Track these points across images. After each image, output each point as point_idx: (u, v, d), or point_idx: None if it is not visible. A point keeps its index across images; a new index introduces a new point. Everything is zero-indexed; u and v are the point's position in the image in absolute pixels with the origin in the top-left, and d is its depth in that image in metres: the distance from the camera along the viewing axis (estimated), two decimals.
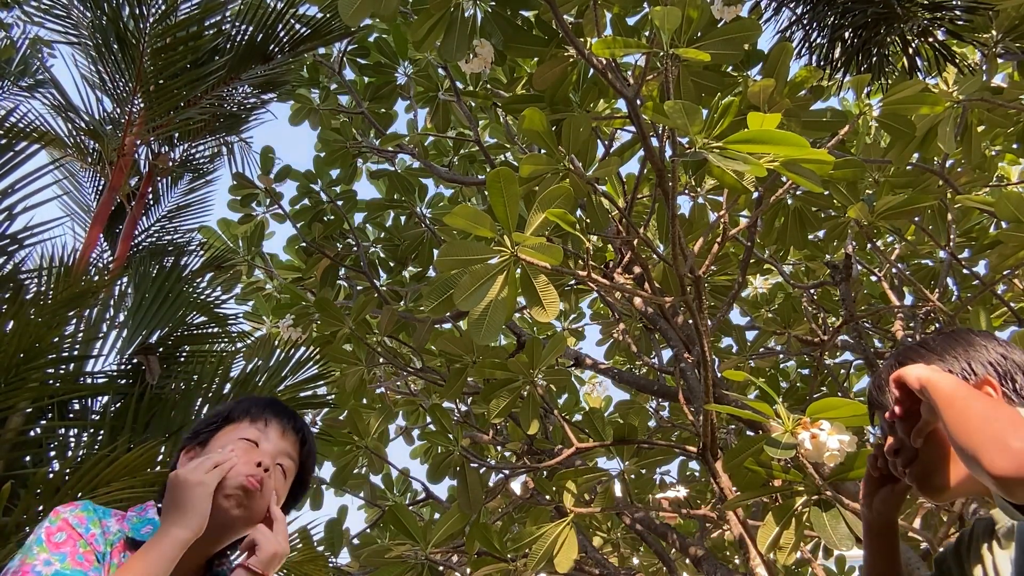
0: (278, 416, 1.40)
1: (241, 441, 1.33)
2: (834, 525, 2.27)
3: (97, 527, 1.20)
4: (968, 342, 1.26)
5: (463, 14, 3.26)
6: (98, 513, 1.23)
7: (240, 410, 1.39)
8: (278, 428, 1.38)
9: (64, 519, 1.19)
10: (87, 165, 3.16)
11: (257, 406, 1.40)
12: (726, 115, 2.23)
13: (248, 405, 1.40)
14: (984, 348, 1.24)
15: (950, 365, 1.23)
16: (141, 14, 2.86)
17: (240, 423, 1.37)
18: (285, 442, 1.38)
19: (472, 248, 2.46)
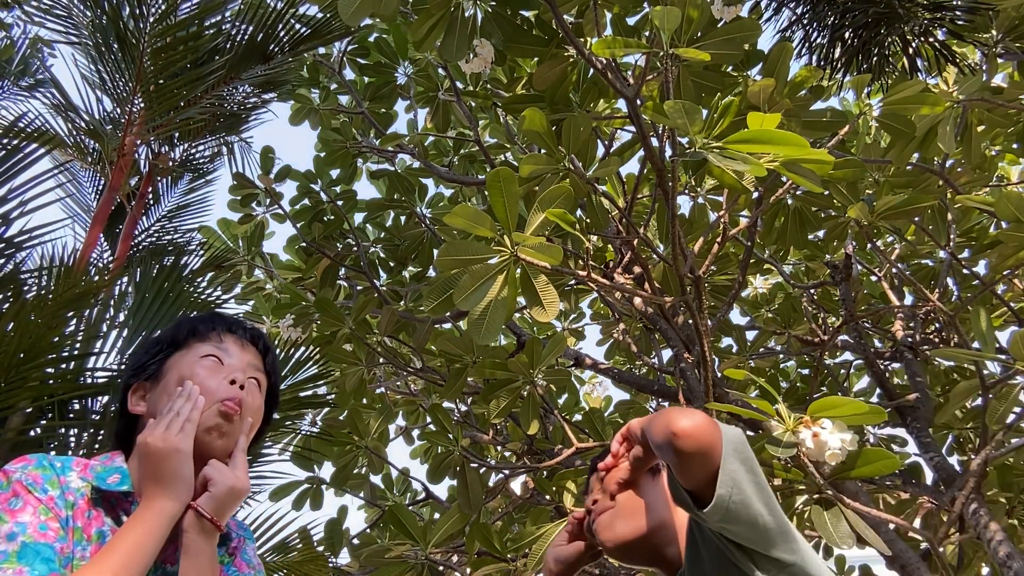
0: (231, 329, 1.24)
1: (205, 360, 1.17)
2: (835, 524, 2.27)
3: (55, 487, 1.05)
4: None
5: (463, 14, 3.26)
6: (55, 469, 1.08)
7: (186, 331, 1.22)
8: (236, 341, 1.23)
9: (17, 483, 1.03)
10: (87, 165, 3.16)
11: (204, 322, 1.23)
12: (726, 115, 2.23)
13: (193, 323, 1.23)
14: None
15: None
16: (141, 14, 2.86)
17: (191, 346, 1.20)
18: (248, 354, 1.23)
19: (472, 248, 2.46)
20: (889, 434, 5.22)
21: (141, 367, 1.21)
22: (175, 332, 1.23)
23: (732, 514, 1.04)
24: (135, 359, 1.25)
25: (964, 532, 3.50)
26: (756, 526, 1.06)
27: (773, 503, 1.08)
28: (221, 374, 1.17)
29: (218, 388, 1.15)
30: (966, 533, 3.49)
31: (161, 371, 1.19)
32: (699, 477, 1.05)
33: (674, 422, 1.04)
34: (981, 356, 2.75)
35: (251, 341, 1.25)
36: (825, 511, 2.33)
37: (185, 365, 1.18)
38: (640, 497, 1.30)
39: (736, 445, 1.06)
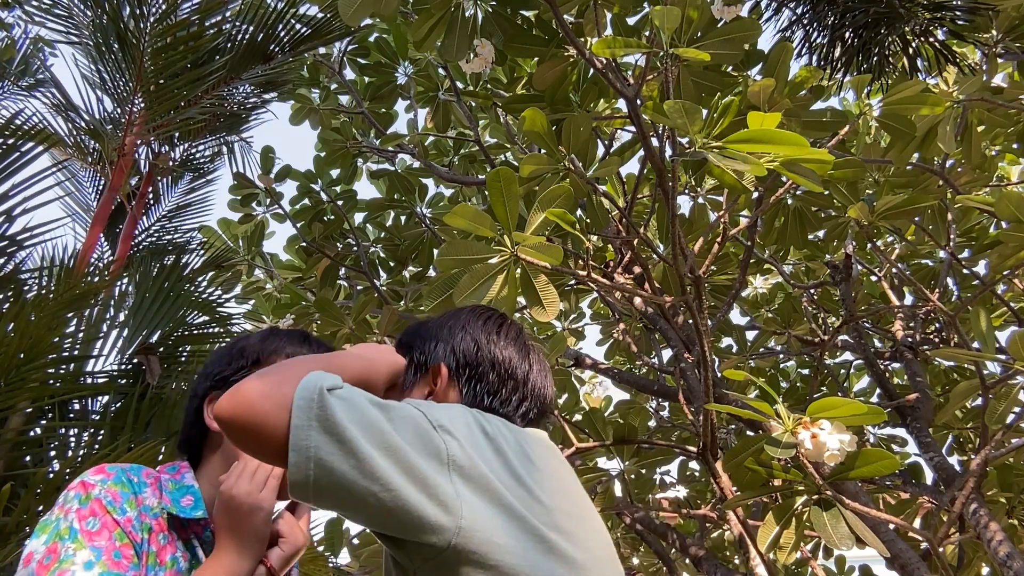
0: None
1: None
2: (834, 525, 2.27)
3: (133, 507, 1.01)
4: (455, 326, 1.15)
5: (463, 14, 3.26)
6: (133, 486, 1.04)
7: (270, 350, 1.14)
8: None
9: (96, 500, 0.99)
10: (87, 165, 3.16)
11: (293, 343, 1.15)
12: (726, 115, 2.22)
13: (280, 343, 1.15)
14: (463, 334, 1.13)
15: (421, 346, 1.14)
16: (141, 14, 2.86)
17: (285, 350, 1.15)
18: None
19: (472, 248, 2.46)
20: (889, 434, 5.22)
21: (222, 379, 1.13)
22: (260, 348, 1.15)
23: (324, 498, 0.82)
24: (215, 366, 1.16)
25: (964, 532, 3.50)
26: (364, 506, 0.82)
27: (402, 467, 0.82)
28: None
29: None
30: (966, 533, 3.49)
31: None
32: (274, 460, 0.83)
33: (217, 403, 0.85)
34: (981, 356, 2.75)
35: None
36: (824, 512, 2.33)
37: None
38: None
39: (310, 405, 0.81)
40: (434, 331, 1.16)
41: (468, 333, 1.13)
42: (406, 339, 1.18)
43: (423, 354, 1.13)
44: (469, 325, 1.15)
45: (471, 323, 1.15)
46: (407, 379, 1.12)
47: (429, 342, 1.14)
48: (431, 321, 1.19)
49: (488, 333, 1.14)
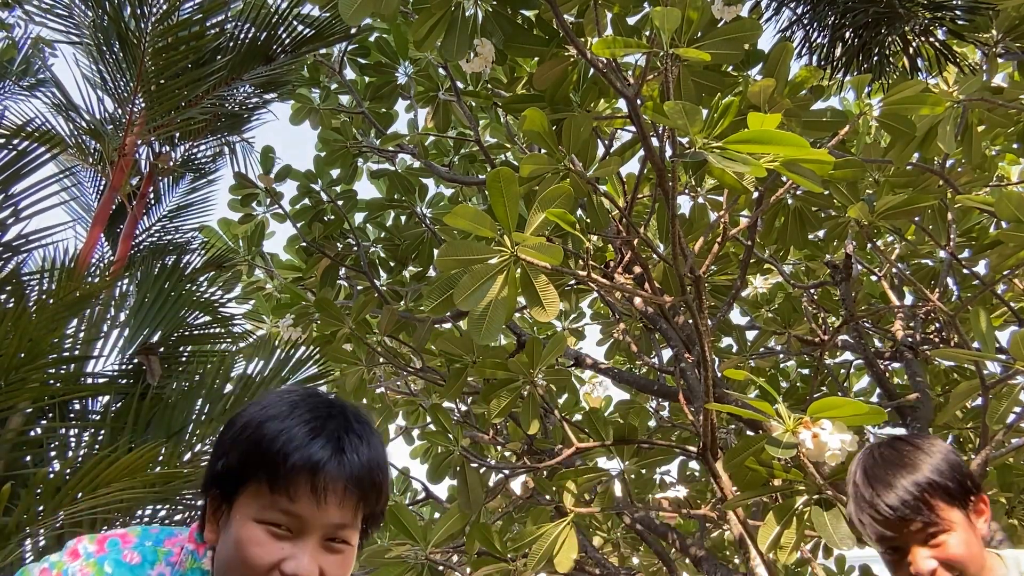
0: (314, 474, 0.91)
1: (258, 529, 0.92)
2: (835, 524, 2.27)
3: None
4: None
5: (464, 13, 3.26)
6: (122, 572, 0.93)
7: (256, 463, 0.93)
8: (311, 497, 0.91)
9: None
10: (88, 165, 3.17)
11: (280, 461, 0.91)
12: (726, 115, 2.23)
13: (267, 458, 0.92)
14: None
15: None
16: (142, 13, 2.86)
17: (256, 486, 0.93)
18: (328, 511, 0.93)
19: (472, 248, 2.46)
20: (889, 434, 5.21)
21: (221, 481, 0.97)
22: (244, 457, 0.95)
23: None
24: (218, 461, 0.99)
25: None
26: None
27: None
28: (280, 552, 0.91)
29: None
30: None
31: (233, 501, 0.96)
32: None
33: None
34: (981, 356, 2.75)
35: (345, 489, 0.94)
36: (825, 512, 2.33)
37: (242, 525, 0.93)
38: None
39: None
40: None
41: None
42: None
43: None
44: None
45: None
46: None
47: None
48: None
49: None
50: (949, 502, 1.30)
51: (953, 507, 1.30)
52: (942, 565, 1.28)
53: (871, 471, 1.37)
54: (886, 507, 1.30)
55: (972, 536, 1.30)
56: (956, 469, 1.33)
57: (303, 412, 0.96)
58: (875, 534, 1.35)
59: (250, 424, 0.96)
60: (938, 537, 1.29)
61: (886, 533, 1.32)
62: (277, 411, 0.96)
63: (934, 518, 1.28)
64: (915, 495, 1.29)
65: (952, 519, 1.29)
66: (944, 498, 1.30)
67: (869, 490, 1.34)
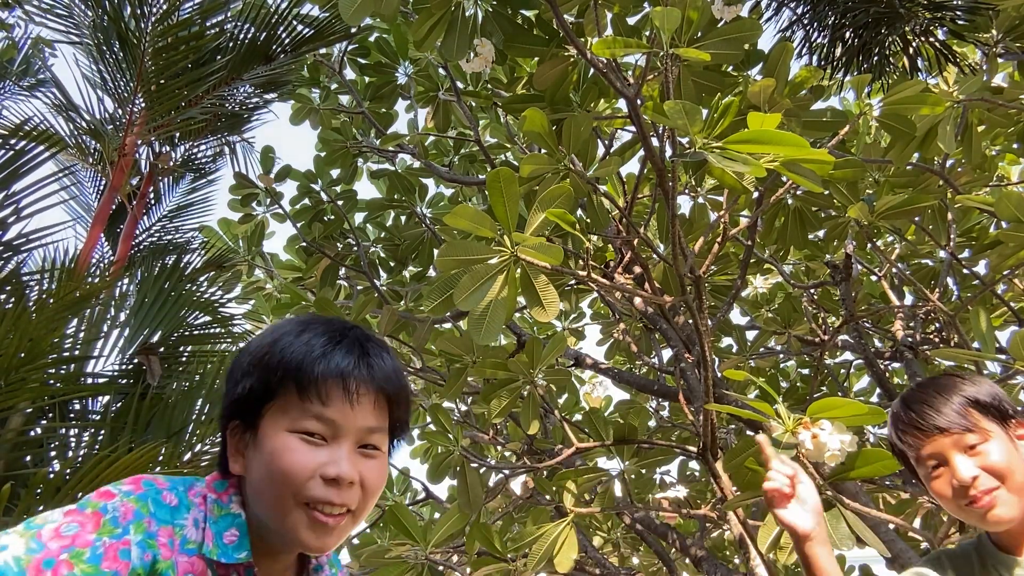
0: (343, 375, 0.92)
1: (294, 438, 0.91)
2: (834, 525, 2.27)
3: (140, 531, 0.86)
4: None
5: (464, 13, 3.26)
6: (165, 511, 0.89)
7: (279, 375, 0.92)
8: (343, 397, 0.92)
9: (96, 514, 0.85)
10: (88, 165, 3.17)
11: (302, 366, 0.92)
12: (726, 115, 2.22)
13: (288, 364, 0.92)
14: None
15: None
16: (142, 13, 2.86)
17: (287, 400, 0.92)
18: (361, 412, 0.93)
19: (472, 248, 2.46)
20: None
21: (240, 409, 0.96)
22: (267, 374, 0.94)
23: None
24: (232, 391, 0.98)
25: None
26: None
27: None
28: (318, 458, 0.90)
29: (310, 485, 0.90)
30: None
31: (258, 424, 0.94)
32: None
33: None
34: (981, 356, 2.75)
35: (375, 390, 0.95)
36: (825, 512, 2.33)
37: (275, 437, 0.92)
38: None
39: None
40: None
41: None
42: None
43: None
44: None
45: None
46: None
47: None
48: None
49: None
50: (989, 417, 1.34)
51: (993, 422, 1.34)
52: (985, 471, 1.30)
53: (912, 395, 1.43)
54: (930, 419, 1.35)
55: (1013, 449, 1.33)
56: (996, 394, 1.37)
57: (317, 327, 0.96)
58: (916, 449, 1.38)
59: (264, 346, 0.95)
60: (979, 447, 1.31)
61: (927, 446, 1.35)
62: (290, 329, 0.96)
63: (975, 426, 1.32)
64: (956, 408, 1.34)
65: (992, 431, 1.33)
66: (984, 412, 1.34)
67: (909, 412, 1.39)
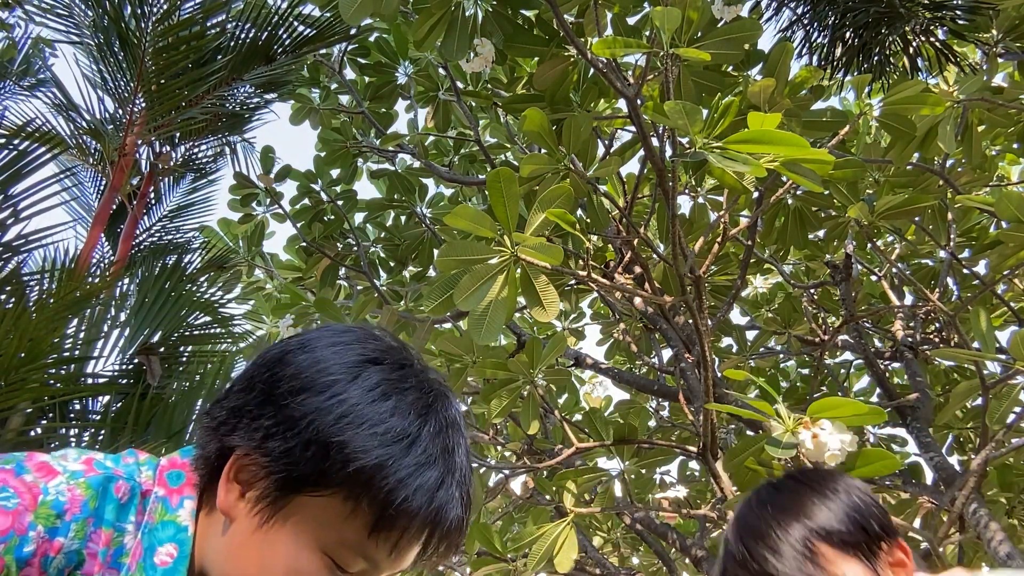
0: (432, 532, 0.73)
1: (321, 563, 0.72)
2: None
3: (81, 536, 0.68)
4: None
5: (464, 13, 3.26)
6: (110, 510, 0.70)
7: (361, 486, 0.71)
8: (417, 554, 0.75)
9: (34, 489, 0.66)
10: (89, 165, 3.17)
11: (409, 502, 0.71)
12: (726, 115, 2.23)
13: (389, 490, 0.71)
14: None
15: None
16: (143, 13, 2.86)
17: (350, 509, 0.71)
18: (409, 557, 0.76)
19: (472, 248, 2.46)
20: (889, 434, 5.22)
21: (269, 453, 0.73)
22: (330, 467, 0.71)
23: None
24: (254, 417, 0.75)
25: (964, 532, 3.50)
26: None
27: None
28: None
29: None
30: (966, 533, 3.49)
31: (284, 503, 0.73)
32: None
33: None
34: (981, 356, 2.75)
35: (440, 551, 0.76)
36: None
37: (300, 546, 0.72)
38: None
39: None
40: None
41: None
42: None
43: None
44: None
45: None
46: None
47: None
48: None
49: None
50: (848, 552, 1.02)
51: (853, 558, 1.02)
52: None
53: (748, 520, 1.09)
54: (762, 562, 1.02)
55: None
56: (859, 512, 1.05)
57: (429, 437, 0.74)
58: None
59: (361, 443, 0.71)
60: None
61: None
62: (397, 427, 0.73)
63: (823, 571, 1.00)
64: (798, 546, 1.01)
65: (848, 572, 1.01)
66: (842, 547, 1.02)
67: (740, 546, 1.06)
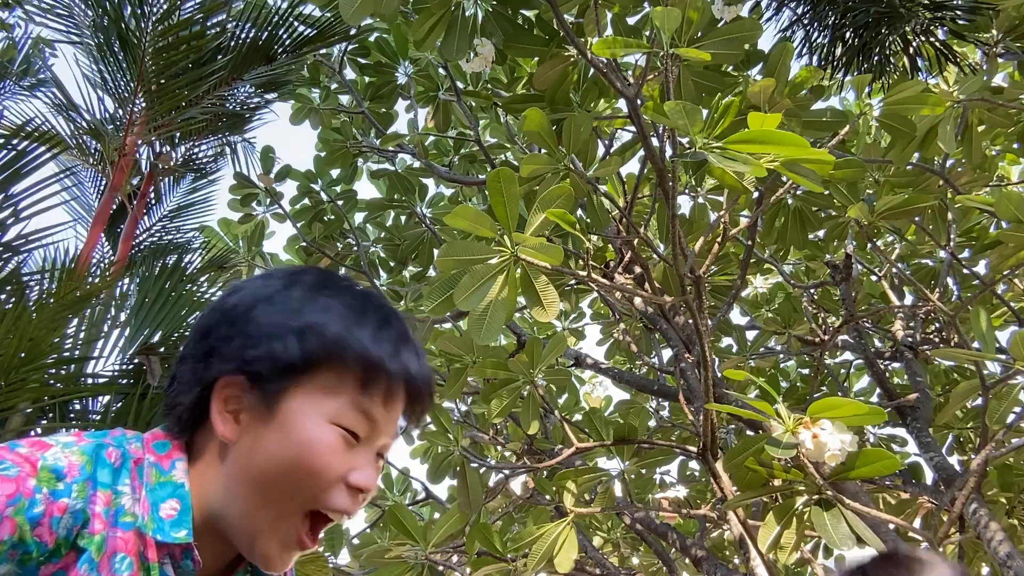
0: (411, 382, 0.81)
1: (334, 433, 0.76)
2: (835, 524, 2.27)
3: (82, 496, 0.70)
4: None
5: (464, 13, 3.26)
6: (106, 471, 0.73)
7: (340, 351, 0.77)
8: (394, 404, 0.81)
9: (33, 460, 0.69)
10: (89, 165, 3.17)
11: (383, 363, 0.78)
12: (726, 115, 2.23)
13: (367, 356, 0.78)
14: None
15: None
16: (143, 13, 2.86)
17: (327, 382, 0.77)
18: (395, 414, 0.82)
19: (472, 248, 2.46)
20: (889, 434, 5.22)
21: (255, 361, 0.77)
22: (323, 339, 0.78)
23: None
24: (240, 338, 0.78)
25: (964, 532, 3.50)
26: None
27: None
28: (352, 462, 0.78)
29: (333, 492, 0.77)
30: (966, 533, 3.49)
31: (278, 399, 0.77)
32: None
33: None
34: (981, 356, 2.75)
35: (424, 406, 0.85)
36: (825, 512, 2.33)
37: (312, 424, 0.76)
38: None
39: None
40: None
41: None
42: None
43: None
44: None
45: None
46: None
47: None
48: None
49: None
50: None
51: None
52: None
53: None
54: None
55: None
56: None
57: (372, 311, 0.82)
58: None
59: (317, 312, 0.79)
60: None
61: None
62: (347, 306, 0.80)
63: None
64: None
65: None
66: None
67: None
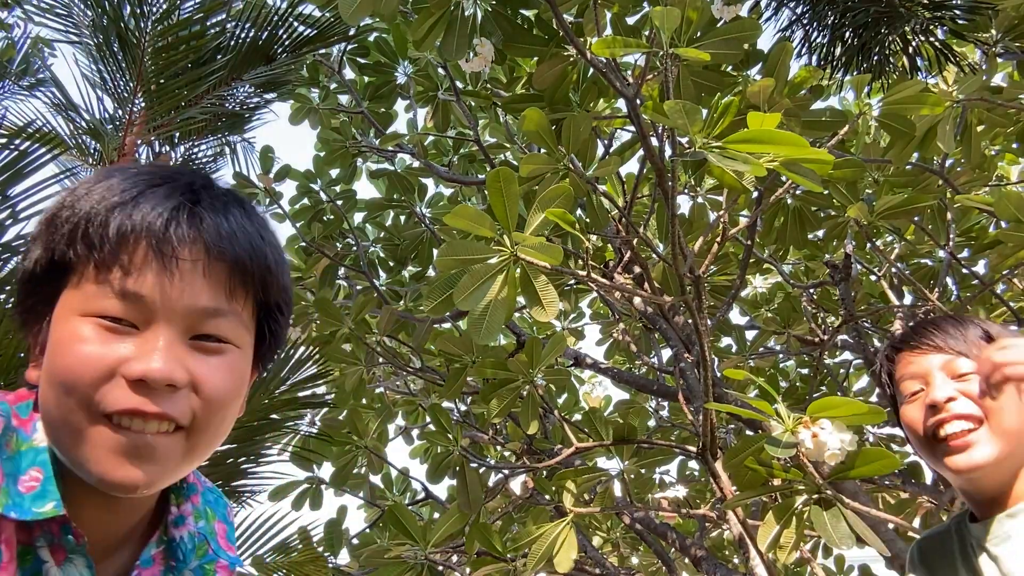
0: (156, 233, 0.62)
1: (89, 324, 0.61)
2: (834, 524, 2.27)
3: None
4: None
5: (463, 13, 3.26)
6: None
7: (69, 234, 0.63)
8: (162, 267, 0.62)
9: None
10: (88, 165, 3.16)
11: (104, 222, 0.62)
12: (726, 115, 2.22)
13: (83, 224, 0.62)
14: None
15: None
16: (142, 13, 2.86)
17: (83, 271, 0.63)
18: (196, 289, 0.64)
19: (472, 248, 2.46)
20: (889, 433, 5.22)
21: (25, 288, 0.67)
22: (54, 234, 0.63)
23: None
24: (19, 277, 0.67)
25: None
26: None
27: None
28: (118, 351, 0.61)
29: (107, 390, 0.60)
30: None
31: (49, 313, 0.65)
32: None
33: None
34: None
35: (210, 250, 0.65)
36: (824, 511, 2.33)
37: (62, 325, 0.63)
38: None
39: None
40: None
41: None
42: None
43: None
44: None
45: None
46: None
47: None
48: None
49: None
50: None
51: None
52: (966, 398, 1.18)
53: (927, 320, 1.32)
54: (927, 337, 1.25)
55: (1015, 392, 1.15)
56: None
57: (133, 170, 0.67)
58: (901, 367, 1.29)
59: (59, 198, 0.65)
60: (970, 376, 1.19)
61: (912, 364, 1.25)
62: (99, 175, 0.66)
63: (976, 356, 1.18)
64: (963, 334, 1.23)
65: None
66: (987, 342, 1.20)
67: (911, 330, 1.31)
